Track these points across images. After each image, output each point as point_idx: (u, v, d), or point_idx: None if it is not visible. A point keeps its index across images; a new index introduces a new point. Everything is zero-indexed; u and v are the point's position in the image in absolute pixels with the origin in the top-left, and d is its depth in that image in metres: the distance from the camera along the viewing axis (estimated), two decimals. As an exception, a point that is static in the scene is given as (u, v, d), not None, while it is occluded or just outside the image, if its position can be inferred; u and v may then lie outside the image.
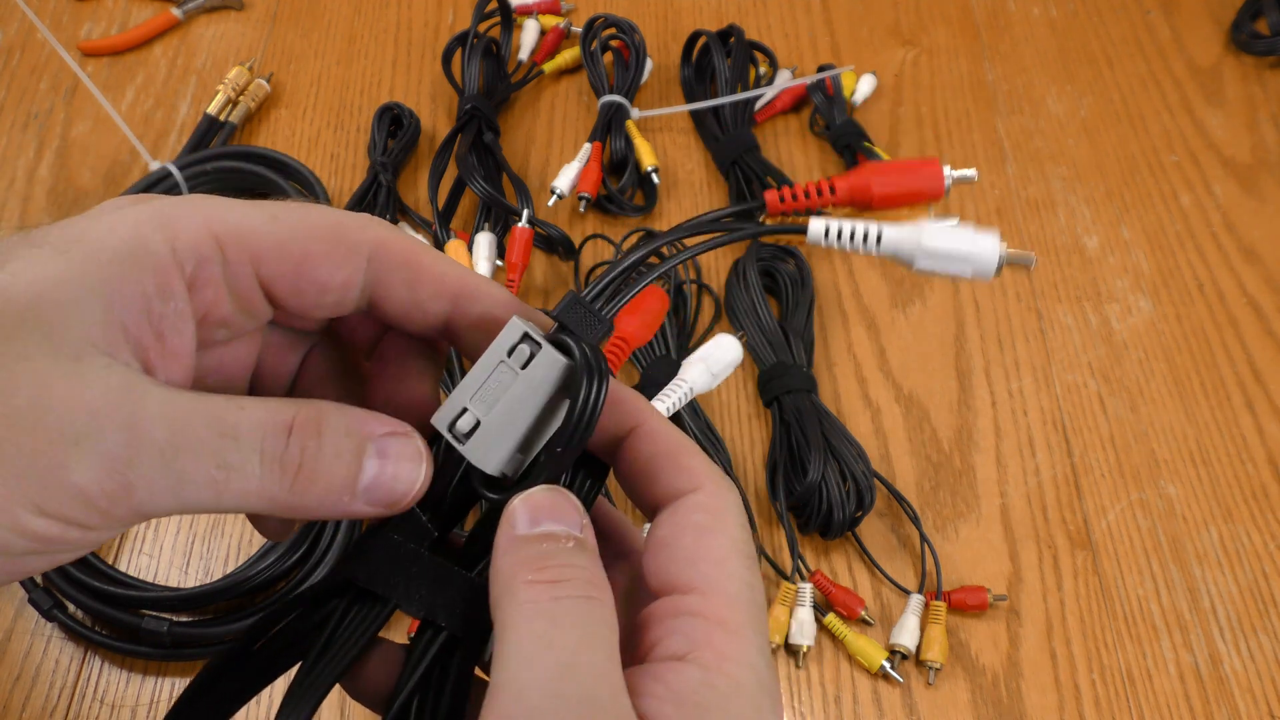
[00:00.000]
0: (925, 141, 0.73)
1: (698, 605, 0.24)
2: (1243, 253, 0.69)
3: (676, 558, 0.25)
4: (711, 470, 0.26)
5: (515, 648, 0.22)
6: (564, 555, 0.23)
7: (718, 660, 0.23)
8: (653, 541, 0.26)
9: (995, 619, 0.55)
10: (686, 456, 0.26)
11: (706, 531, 0.25)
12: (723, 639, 0.23)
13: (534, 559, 0.23)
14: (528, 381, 0.25)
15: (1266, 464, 0.61)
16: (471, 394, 0.25)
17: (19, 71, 0.74)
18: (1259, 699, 0.53)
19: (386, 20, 0.78)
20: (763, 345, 0.61)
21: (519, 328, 0.25)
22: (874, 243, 0.26)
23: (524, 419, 0.25)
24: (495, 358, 0.25)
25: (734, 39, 0.73)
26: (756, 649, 0.24)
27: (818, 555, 0.57)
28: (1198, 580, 0.57)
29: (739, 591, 0.24)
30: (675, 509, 0.26)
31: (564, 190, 0.67)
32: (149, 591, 0.52)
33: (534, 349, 0.25)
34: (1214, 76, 0.78)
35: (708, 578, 0.24)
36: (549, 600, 0.22)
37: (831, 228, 0.26)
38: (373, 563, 0.25)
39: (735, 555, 0.25)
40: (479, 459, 0.25)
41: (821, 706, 0.53)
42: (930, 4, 0.81)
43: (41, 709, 0.50)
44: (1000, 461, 0.60)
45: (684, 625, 0.24)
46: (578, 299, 0.26)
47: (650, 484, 0.26)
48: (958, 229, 0.26)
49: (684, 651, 0.23)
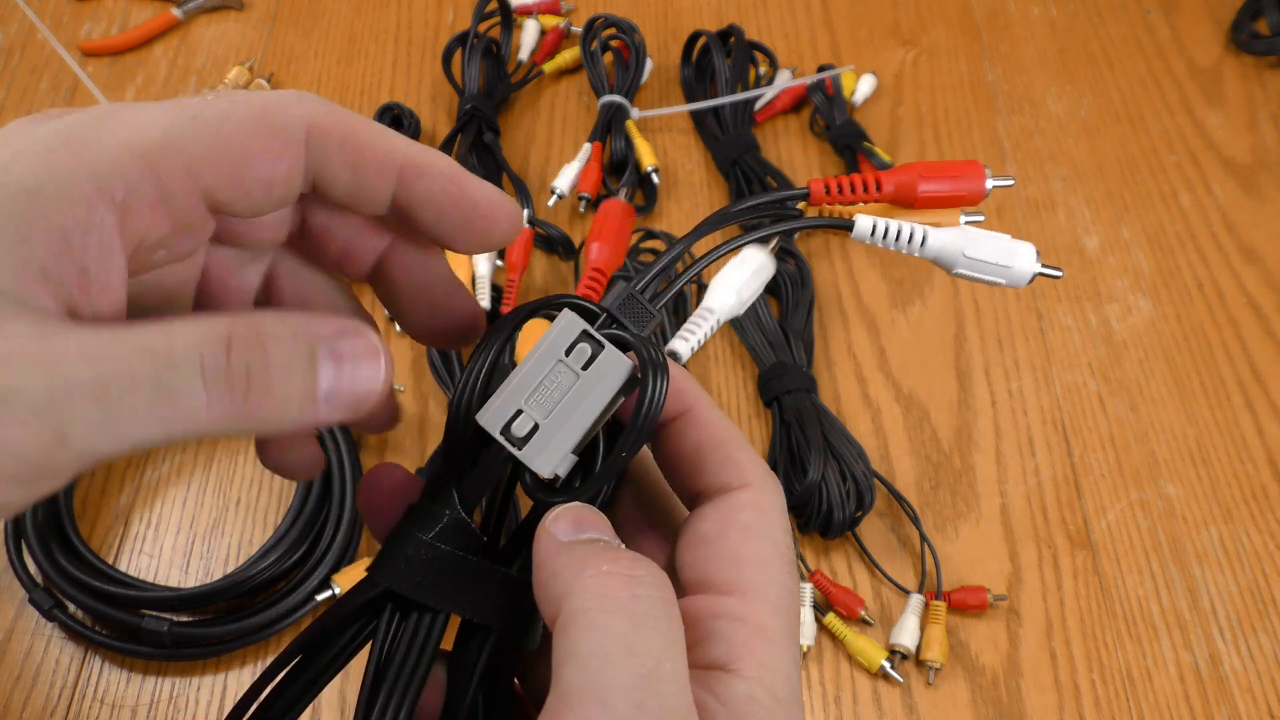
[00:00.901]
0: (925, 142, 0.73)
1: (738, 609, 0.23)
2: (1243, 253, 0.69)
3: (719, 556, 0.24)
4: (760, 467, 0.25)
5: (595, 647, 0.20)
6: (626, 553, 0.22)
7: (759, 671, 0.22)
8: (693, 536, 0.25)
9: (995, 619, 0.55)
10: (736, 449, 0.25)
11: (753, 532, 0.24)
12: (764, 649, 0.23)
13: (597, 553, 0.22)
14: (589, 382, 0.24)
15: (1266, 464, 0.61)
16: (527, 395, 0.23)
17: (19, 71, 0.74)
18: (1259, 699, 0.53)
19: (386, 20, 0.78)
20: (763, 345, 0.61)
21: (577, 324, 0.24)
22: (918, 244, 0.26)
23: (583, 421, 0.24)
24: (552, 356, 0.24)
25: (734, 39, 0.73)
26: (792, 660, 0.23)
27: (818, 555, 0.57)
28: (1198, 580, 0.57)
29: (780, 598, 0.24)
30: (720, 504, 0.25)
31: (564, 190, 0.67)
32: (149, 591, 0.52)
33: (596, 349, 0.24)
34: (1214, 76, 0.78)
35: (751, 581, 0.23)
36: (629, 597, 0.21)
37: (878, 226, 0.26)
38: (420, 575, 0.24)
39: (779, 560, 0.24)
40: (537, 464, 0.24)
41: (821, 706, 0.53)
42: (930, 4, 0.81)
43: (41, 709, 0.50)
44: (1000, 461, 0.60)
45: (724, 630, 0.23)
46: (633, 293, 0.25)
47: (695, 473, 0.25)
48: (997, 239, 0.26)
49: (726, 660, 0.23)
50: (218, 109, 0.22)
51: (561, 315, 0.24)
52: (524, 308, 0.25)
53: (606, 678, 0.20)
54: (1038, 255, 0.26)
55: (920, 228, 0.26)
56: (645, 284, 0.25)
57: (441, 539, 0.24)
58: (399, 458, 0.58)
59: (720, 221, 0.27)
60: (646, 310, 0.25)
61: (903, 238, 0.26)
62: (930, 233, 0.26)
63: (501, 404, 0.24)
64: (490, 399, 0.24)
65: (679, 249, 0.26)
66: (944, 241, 0.26)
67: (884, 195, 0.27)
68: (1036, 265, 0.26)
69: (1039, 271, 0.26)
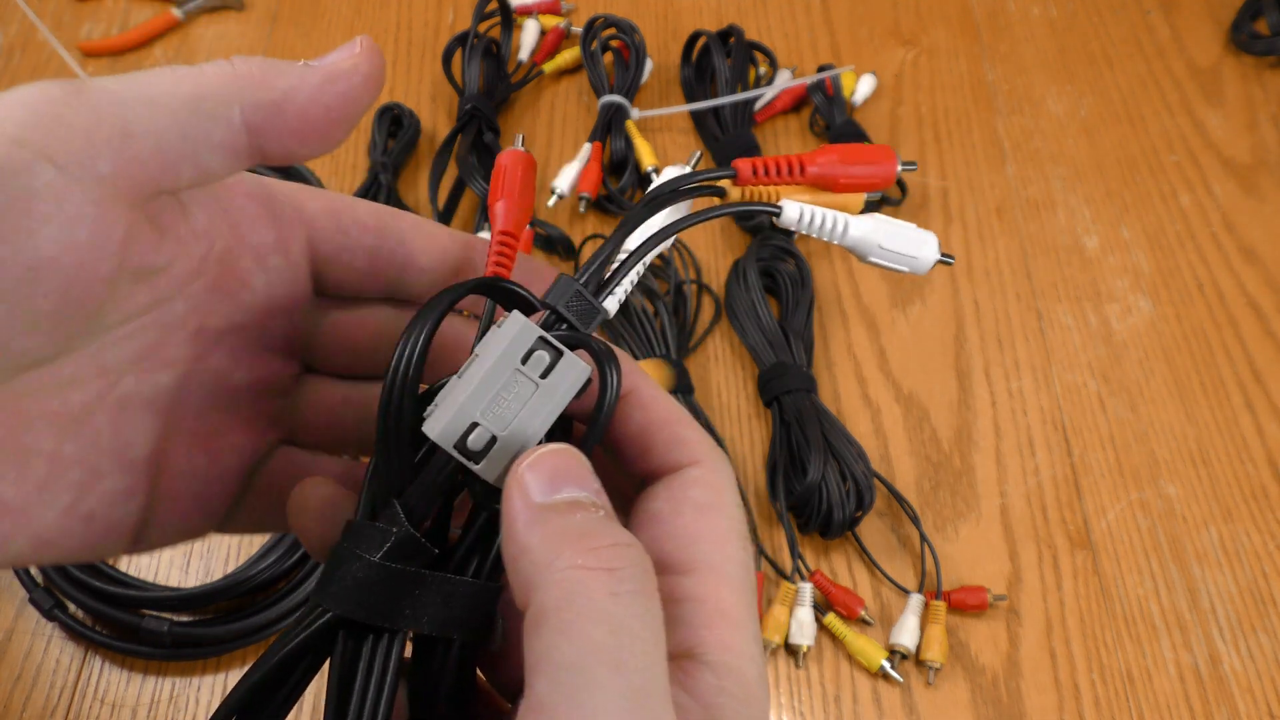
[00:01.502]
0: (925, 141, 0.73)
1: (698, 589, 0.23)
2: (1243, 253, 0.69)
3: (673, 534, 0.23)
4: (708, 443, 0.25)
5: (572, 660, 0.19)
6: (606, 531, 0.21)
7: (725, 655, 0.22)
8: (645, 515, 0.24)
9: (995, 619, 0.55)
10: (683, 427, 0.25)
11: (707, 509, 0.24)
12: (727, 631, 0.22)
13: (573, 534, 0.20)
14: (548, 391, 0.23)
15: (1266, 464, 0.61)
16: (482, 407, 0.22)
17: (19, 72, 0.74)
18: (1259, 699, 0.53)
19: (386, 20, 0.78)
20: (763, 345, 0.61)
21: (531, 331, 0.23)
22: (840, 233, 0.27)
23: (539, 427, 0.23)
24: (507, 365, 0.22)
25: (734, 39, 0.73)
26: (755, 638, 0.23)
27: (818, 555, 0.57)
28: (1198, 580, 0.57)
29: (737, 575, 0.23)
30: (671, 483, 0.24)
31: (564, 190, 0.67)
32: (149, 591, 0.52)
33: (554, 356, 0.23)
34: (1214, 76, 0.78)
35: (708, 559, 0.23)
36: (607, 597, 0.19)
37: (805, 212, 0.27)
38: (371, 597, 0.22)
39: (734, 536, 0.24)
40: (493, 477, 0.22)
41: (821, 706, 0.53)
42: (930, 4, 0.81)
43: (42, 709, 0.50)
44: (1000, 461, 0.60)
45: (686, 614, 0.22)
46: (578, 288, 0.24)
47: (643, 454, 0.25)
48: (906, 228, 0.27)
49: (690, 646, 0.22)
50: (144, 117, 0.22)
51: (511, 319, 0.23)
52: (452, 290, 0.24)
53: (589, 697, 0.18)
54: (938, 245, 0.27)
55: (843, 216, 0.27)
56: (587, 277, 0.24)
57: (392, 558, 0.22)
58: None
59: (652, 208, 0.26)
60: (592, 306, 0.24)
61: (826, 225, 0.27)
62: (851, 221, 0.27)
63: (454, 417, 0.22)
64: (438, 409, 0.23)
65: (615, 241, 0.25)
66: (864, 231, 0.27)
67: (807, 177, 0.27)
68: (937, 254, 0.27)
69: (938, 259, 0.27)
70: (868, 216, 0.27)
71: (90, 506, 0.24)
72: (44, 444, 0.23)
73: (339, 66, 0.23)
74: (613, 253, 0.25)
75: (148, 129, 0.21)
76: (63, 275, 0.21)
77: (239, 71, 0.22)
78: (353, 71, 0.23)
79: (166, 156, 0.22)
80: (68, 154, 0.20)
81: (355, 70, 0.23)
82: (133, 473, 0.25)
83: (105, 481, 0.24)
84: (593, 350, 0.23)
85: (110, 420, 0.24)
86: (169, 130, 0.21)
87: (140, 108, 0.21)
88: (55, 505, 0.24)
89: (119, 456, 0.25)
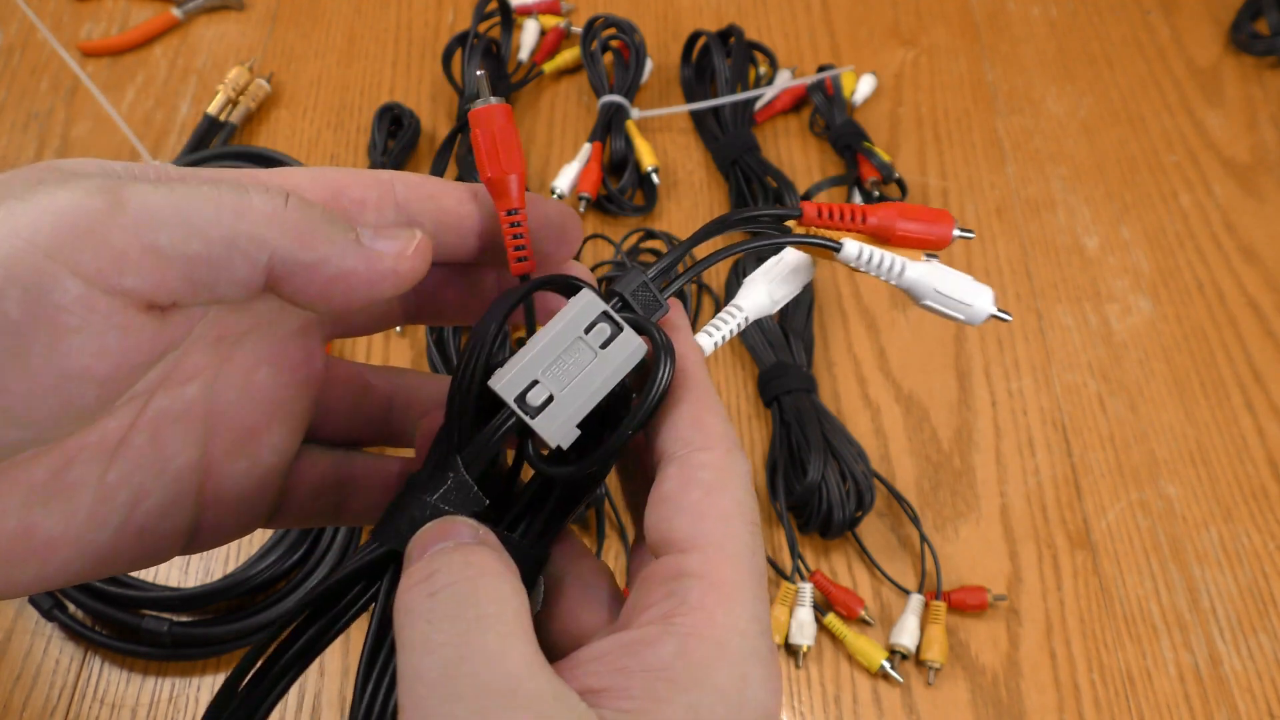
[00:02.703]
0: (925, 141, 0.73)
1: (698, 566, 0.23)
2: (1243, 253, 0.69)
3: (680, 513, 0.24)
4: (728, 434, 0.25)
5: (404, 662, 0.21)
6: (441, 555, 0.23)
7: (704, 624, 0.22)
8: (656, 495, 0.25)
9: (995, 619, 0.55)
10: (710, 415, 0.25)
11: (713, 489, 0.24)
12: (714, 601, 0.22)
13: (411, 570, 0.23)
14: (605, 361, 0.25)
15: (1266, 464, 0.61)
16: (544, 366, 0.24)
17: (19, 71, 0.74)
18: (1259, 699, 0.53)
19: (386, 20, 0.78)
20: (763, 345, 0.61)
21: (597, 304, 0.25)
22: (897, 273, 0.29)
23: (595, 397, 0.25)
24: (571, 333, 0.25)
25: (734, 39, 0.73)
26: (750, 615, 0.23)
27: (818, 555, 0.57)
28: (1198, 580, 0.57)
29: (739, 553, 0.23)
30: (683, 463, 0.25)
31: (564, 190, 0.67)
32: (149, 591, 0.52)
33: (615, 330, 0.25)
34: (1214, 76, 0.78)
35: (710, 536, 0.23)
36: (424, 599, 0.21)
37: (864, 251, 0.28)
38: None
39: (740, 517, 0.24)
40: (547, 434, 0.24)
41: (821, 706, 0.53)
42: (930, 4, 0.81)
43: (41, 709, 0.50)
44: (1000, 461, 0.60)
45: (683, 589, 0.23)
46: (646, 280, 0.26)
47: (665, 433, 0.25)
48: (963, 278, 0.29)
49: (670, 614, 0.22)
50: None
51: (582, 294, 0.25)
52: (535, 282, 0.26)
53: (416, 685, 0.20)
54: (994, 299, 0.29)
55: (900, 259, 0.28)
56: (656, 273, 0.26)
57: (445, 501, 0.25)
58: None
59: (719, 228, 0.28)
60: (656, 300, 0.26)
61: (884, 265, 0.28)
62: (909, 264, 0.29)
63: (517, 373, 0.24)
64: (503, 368, 0.25)
65: (685, 247, 0.27)
66: (920, 274, 0.29)
67: (867, 227, 0.29)
68: (992, 308, 0.29)
69: (993, 314, 0.29)
70: (926, 262, 0.29)
71: (140, 523, 0.25)
72: (88, 477, 0.24)
73: (383, 264, 0.24)
74: (681, 257, 0.27)
75: (181, 253, 0.22)
76: (97, 380, 0.22)
77: (286, 220, 0.23)
78: (392, 274, 0.24)
79: (191, 280, 0.22)
80: (98, 271, 0.21)
81: (394, 273, 0.24)
82: (177, 484, 0.26)
83: (151, 498, 0.25)
84: (653, 338, 0.25)
85: (148, 440, 0.25)
86: (199, 259, 0.22)
87: (177, 230, 0.22)
88: (107, 528, 0.24)
89: (161, 472, 0.25)
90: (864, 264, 0.28)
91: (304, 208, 0.23)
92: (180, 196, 0.22)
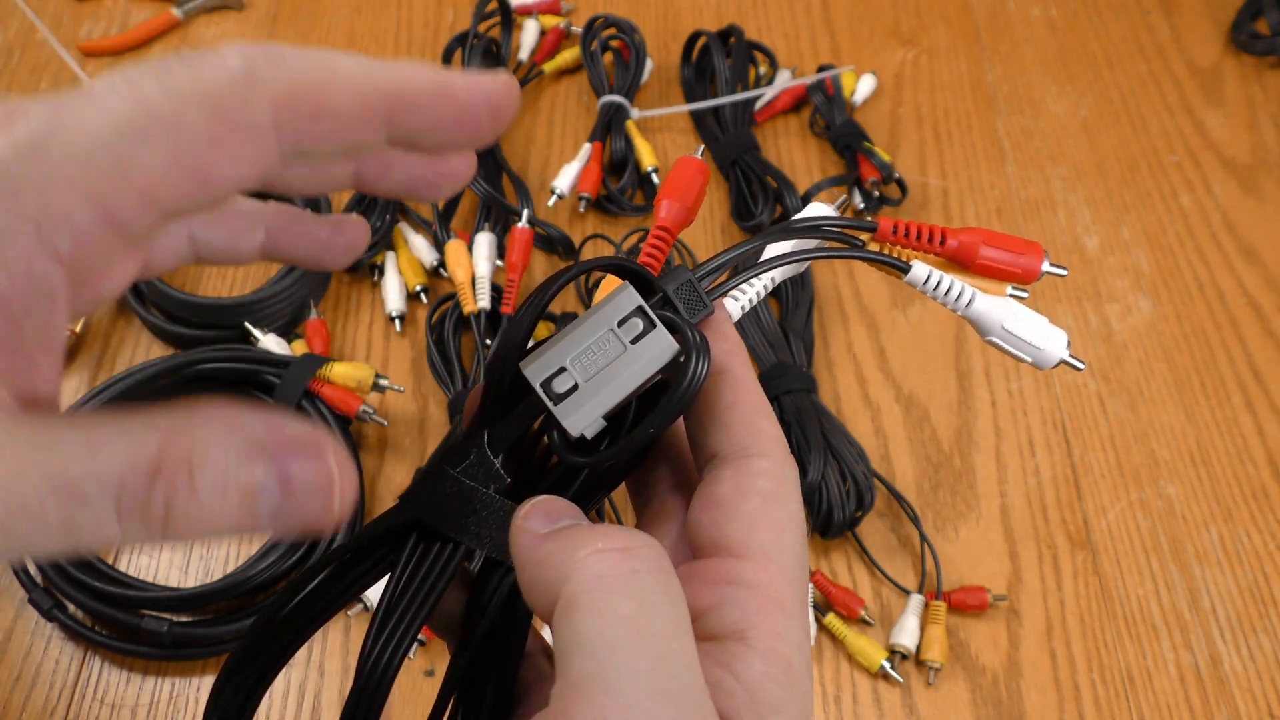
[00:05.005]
0: (925, 141, 0.73)
1: (752, 575, 0.23)
2: (1243, 253, 0.69)
3: (735, 519, 0.24)
4: (782, 441, 0.25)
5: (602, 632, 0.20)
6: (614, 528, 0.22)
7: (773, 642, 0.22)
8: (710, 497, 0.25)
9: (995, 619, 0.55)
10: (764, 419, 0.25)
11: (771, 499, 0.24)
12: (778, 620, 0.23)
13: (585, 535, 0.22)
14: (634, 356, 0.25)
15: (1266, 464, 0.61)
16: (572, 355, 0.25)
17: (19, 71, 0.74)
18: (1259, 699, 0.53)
19: (386, 20, 0.78)
20: (763, 345, 0.61)
21: (634, 299, 0.25)
22: (964, 304, 0.27)
23: (620, 390, 0.25)
24: (604, 324, 0.25)
25: (734, 39, 0.73)
26: (804, 631, 0.23)
27: (818, 555, 0.57)
28: (1198, 580, 0.57)
29: (793, 568, 0.24)
30: (739, 469, 0.25)
31: (564, 190, 0.67)
32: (149, 591, 0.52)
33: (647, 326, 0.25)
34: (1214, 76, 0.78)
35: (765, 547, 0.23)
36: (628, 573, 0.21)
37: (933, 276, 0.27)
38: (445, 506, 0.25)
39: (794, 530, 0.24)
40: (569, 421, 0.25)
41: (821, 706, 0.53)
42: (930, 4, 0.81)
43: (41, 709, 0.50)
44: (1000, 461, 0.60)
45: (738, 596, 0.23)
46: (691, 279, 0.26)
47: (717, 433, 0.25)
48: (1037, 319, 0.27)
49: (739, 629, 0.23)
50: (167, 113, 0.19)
51: (621, 287, 0.25)
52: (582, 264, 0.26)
53: (617, 664, 0.20)
54: (1068, 344, 0.27)
55: (970, 289, 0.27)
56: (704, 275, 0.26)
57: (467, 474, 0.25)
58: (399, 458, 0.58)
59: (783, 233, 0.27)
60: (701, 300, 0.26)
61: (951, 293, 0.27)
62: (978, 296, 0.27)
63: (546, 359, 0.25)
64: (535, 351, 0.25)
65: (743, 248, 0.27)
66: (988, 307, 0.27)
67: (945, 250, 0.27)
68: (1064, 353, 0.27)
69: (1064, 359, 0.27)
70: (997, 297, 0.27)
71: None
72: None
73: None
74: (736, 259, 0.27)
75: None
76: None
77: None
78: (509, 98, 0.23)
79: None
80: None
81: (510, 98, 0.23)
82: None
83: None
84: (685, 337, 0.25)
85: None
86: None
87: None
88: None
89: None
90: (930, 289, 0.27)
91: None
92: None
